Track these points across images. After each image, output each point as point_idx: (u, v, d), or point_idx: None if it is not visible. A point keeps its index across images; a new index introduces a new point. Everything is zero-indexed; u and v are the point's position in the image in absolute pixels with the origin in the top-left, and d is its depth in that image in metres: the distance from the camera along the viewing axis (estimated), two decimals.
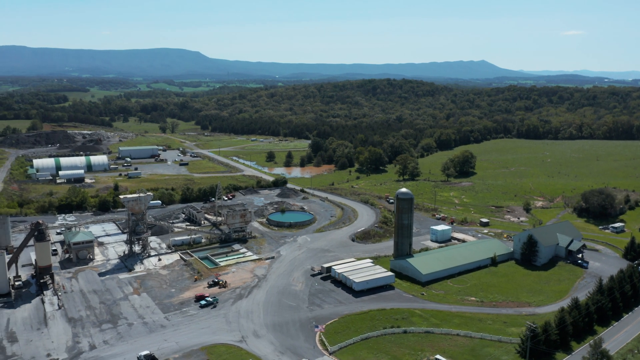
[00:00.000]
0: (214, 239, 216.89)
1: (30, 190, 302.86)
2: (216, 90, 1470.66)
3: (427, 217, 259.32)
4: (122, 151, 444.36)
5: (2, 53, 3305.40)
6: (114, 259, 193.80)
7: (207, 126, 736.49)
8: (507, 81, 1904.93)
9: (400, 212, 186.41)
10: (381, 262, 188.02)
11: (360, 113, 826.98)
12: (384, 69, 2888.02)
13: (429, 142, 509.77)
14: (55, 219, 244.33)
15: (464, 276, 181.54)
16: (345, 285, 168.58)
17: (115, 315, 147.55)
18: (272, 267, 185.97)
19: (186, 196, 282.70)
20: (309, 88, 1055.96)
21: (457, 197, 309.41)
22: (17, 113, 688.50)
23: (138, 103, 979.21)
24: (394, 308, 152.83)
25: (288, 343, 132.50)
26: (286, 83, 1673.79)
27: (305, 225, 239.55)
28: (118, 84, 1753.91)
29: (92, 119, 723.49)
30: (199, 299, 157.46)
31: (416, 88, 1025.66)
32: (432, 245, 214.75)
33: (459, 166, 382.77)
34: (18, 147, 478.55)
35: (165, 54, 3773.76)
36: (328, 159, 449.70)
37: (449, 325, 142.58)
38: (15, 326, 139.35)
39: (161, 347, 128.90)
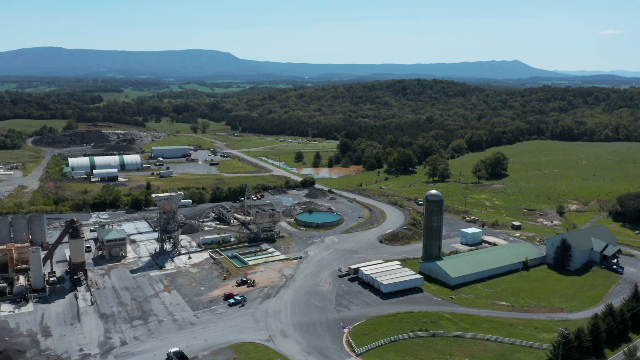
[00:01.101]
0: (243, 238, 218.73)
1: (65, 188, 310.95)
2: (246, 91, 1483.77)
3: (457, 220, 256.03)
4: (155, 151, 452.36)
5: (39, 54, 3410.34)
6: (146, 257, 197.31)
7: (237, 126, 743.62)
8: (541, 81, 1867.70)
9: (430, 214, 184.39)
10: (409, 265, 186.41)
11: (389, 113, 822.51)
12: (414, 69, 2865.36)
13: (459, 143, 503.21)
14: (89, 216, 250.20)
15: (495, 280, 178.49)
16: (372, 287, 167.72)
17: (146, 312, 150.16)
18: (300, 267, 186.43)
19: (216, 195, 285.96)
20: (338, 89, 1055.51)
21: (488, 199, 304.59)
22: (53, 113, 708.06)
23: (170, 103, 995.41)
24: (423, 311, 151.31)
25: (315, 343, 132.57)
26: (315, 84, 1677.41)
27: (332, 226, 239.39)
28: (151, 84, 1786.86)
29: (126, 119, 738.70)
30: (227, 297, 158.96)
31: (447, 88, 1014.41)
32: (462, 248, 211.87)
33: (491, 168, 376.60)
34: (54, 146, 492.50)
35: (197, 55, 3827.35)
36: (356, 159, 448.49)
37: (478, 329, 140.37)
38: (49, 321, 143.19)
39: (190, 345, 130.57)
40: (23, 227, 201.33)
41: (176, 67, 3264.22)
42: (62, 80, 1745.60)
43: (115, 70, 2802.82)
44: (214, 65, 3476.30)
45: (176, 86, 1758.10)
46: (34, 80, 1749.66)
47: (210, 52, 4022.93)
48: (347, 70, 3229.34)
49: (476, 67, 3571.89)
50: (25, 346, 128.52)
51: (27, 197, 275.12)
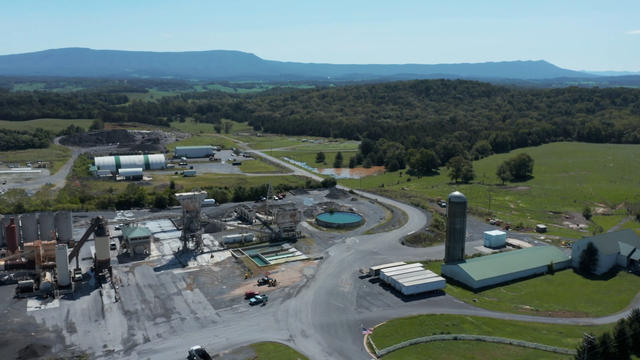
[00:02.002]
0: (265, 237, 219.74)
1: (91, 186, 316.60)
2: (269, 91, 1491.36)
3: (480, 222, 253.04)
4: (179, 150, 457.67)
5: (67, 55, 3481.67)
6: (169, 255, 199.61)
7: (260, 127, 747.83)
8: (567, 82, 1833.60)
9: (453, 216, 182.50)
10: (432, 267, 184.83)
11: (412, 114, 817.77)
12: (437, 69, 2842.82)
13: (483, 144, 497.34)
14: (115, 214, 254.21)
15: (519, 284, 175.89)
16: (394, 288, 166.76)
17: (169, 310, 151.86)
18: (321, 268, 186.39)
19: (238, 195, 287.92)
20: (360, 89, 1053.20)
21: (512, 201, 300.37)
22: (80, 112, 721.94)
23: (194, 104, 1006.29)
24: (444, 314, 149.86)
25: (335, 344, 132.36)
26: (337, 84, 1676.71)
27: (354, 226, 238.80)
28: (175, 85, 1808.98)
29: (151, 118, 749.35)
30: (249, 296, 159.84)
31: (471, 88, 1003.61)
32: (486, 250, 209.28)
33: (515, 169, 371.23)
34: (81, 145, 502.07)
35: (221, 56, 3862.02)
36: (378, 160, 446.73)
37: (501, 333, 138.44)
38: (74, 317, 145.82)
39: (212, 343, 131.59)
40: (50, 224, 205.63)
41: (200, 68, 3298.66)
42: (89, 81, 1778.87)
43: (140, 70, 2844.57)
44: (237, 65, 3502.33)
45: (200, 87, 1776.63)
46: (62, 80, 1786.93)
47: (234, 52, 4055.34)
48: (370, 70, 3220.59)
49: (501, 67, 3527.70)
50: (50, 341, 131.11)
51: (54, 195, 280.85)
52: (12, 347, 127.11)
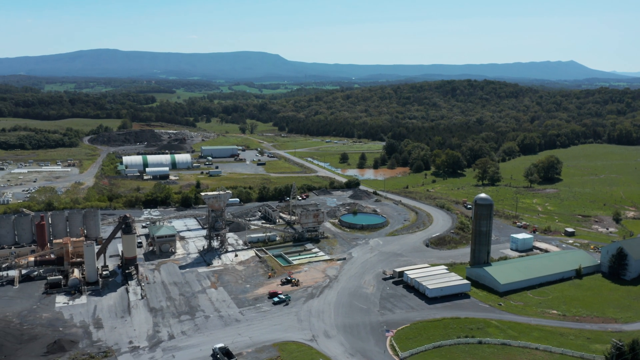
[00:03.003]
0: (288, 237, 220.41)
1: (119, 185, 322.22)
2: (293, 92, 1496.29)
3: (507, 225, 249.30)
4: (204, 150, 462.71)
5: (97, 56, 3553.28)
6: (194, 253, 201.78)
7: (284, 127, 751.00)
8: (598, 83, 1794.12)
9: (479, 218, 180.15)
10: (456, 270, 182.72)
11: (438, 115, 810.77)
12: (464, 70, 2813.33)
13: (511, 145, 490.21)
14: (141, 213, 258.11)
15: (546, 288, 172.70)
16: (417, 291, 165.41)
17: (193, 307, 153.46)
18: (344, 269, 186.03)
19: (262, 195, 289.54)
20: (385, 89, 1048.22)
21: (540, 204, 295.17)
22: (109, 112, 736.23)
23: (220, 104, 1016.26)
24: (469, 317, 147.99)
25: (358, 345, 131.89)
26: (362, 84, 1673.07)
27: (377, 228, 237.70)
28: (202, 86, 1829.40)
29: (177, 119, 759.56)
30: (272, 295, 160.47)
31: (498, 89, 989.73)
32: (512, 254, 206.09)
33: (544, 172, 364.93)
34: (109, 144, 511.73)
35: (247, 57, 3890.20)
36: (403, 161, 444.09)
37: (527, 338, 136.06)
38: (101, 313, 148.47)
39: (235, 341, 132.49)
40: (79, 222, 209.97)
41: (226, 69, 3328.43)
42: (117, 81, 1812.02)
43: (168, 71, 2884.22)
44: (262, 66, 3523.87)
45: (226, 87, 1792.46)
46: (91, 81, 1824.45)
47: (259, 53, 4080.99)
48: (395, 71, 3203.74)
49: (529, 68, 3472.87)
50: (78, 337, 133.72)
51: (82, 194, 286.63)
52: (40, 341, 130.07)
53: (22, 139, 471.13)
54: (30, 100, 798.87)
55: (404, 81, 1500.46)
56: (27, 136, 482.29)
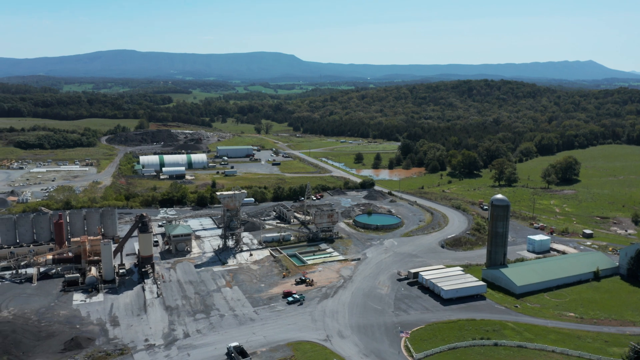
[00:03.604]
0: (302, 237, 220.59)
1: (136, 184, 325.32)
2: (309, 92, 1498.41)
3: (524, 226, 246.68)
4: (220, 150, 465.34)
5: (114, 57, 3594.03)
6: (209, 252, 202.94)
7: (299, 127, 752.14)
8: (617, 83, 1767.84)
9: (495, 219, 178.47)
10: (472, 271, 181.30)
11: (454, 115, 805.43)
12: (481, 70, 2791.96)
13: (528, 146, 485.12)
14: (158, 212, 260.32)
15: (563, 290, 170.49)
16: (432, 292, 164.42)
17: (209, 306, 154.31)
18: (358, 269, 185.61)
19: (277, 195, 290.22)
20: (400, 89, 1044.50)
21: (558, 205, 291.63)
22: (126, 113, 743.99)
23: (236, 105, 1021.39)
24: (485, 319, 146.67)
25: (372, 346, 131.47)
26: (378, 85, 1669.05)
27: (392, 228, 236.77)
28: (218, 86, 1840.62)
29: (194, 119, 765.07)
30: (286, 295, 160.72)
31: (516, 89, 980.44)
32: (529, 255, 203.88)
33: (561, 173, 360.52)
34: (127, 144, 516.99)
35: (262, 58, 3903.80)
36: (418, 161, 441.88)
37: (544, 340, 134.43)
38: (118, 311, 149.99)
39: (250, 340, 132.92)
40: (96, 220, 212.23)
41: (242, 69, 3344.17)
42: (135, 82, 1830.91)
43: (184, 72, 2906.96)
44: (278, 67, 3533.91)
45: (242, 88, 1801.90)
46: (109, 81, 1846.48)
47: (275, 54, 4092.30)
48: (411, 70, 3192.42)
49: (547, 68, 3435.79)
50: (94, 334, 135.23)
51: (100, 193, 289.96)
52: (58, 338, 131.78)
53: (41, 138, 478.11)
54: (49, 101, 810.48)
55: (420, 81, 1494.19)
56: (46, 136, 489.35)
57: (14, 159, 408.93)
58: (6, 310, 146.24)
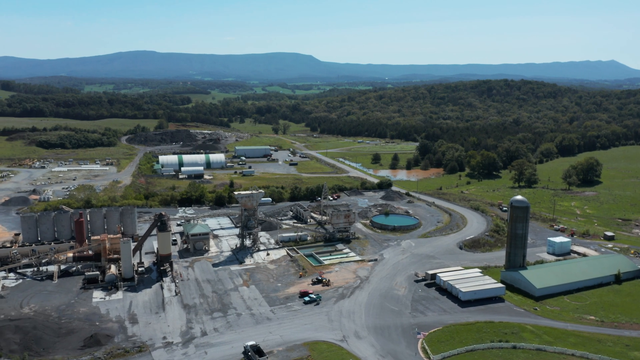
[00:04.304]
0: (319, 237, 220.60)
1: (155, 184, 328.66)
2: (326, 92, 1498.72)
3: (544, 228, 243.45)
4: (238, 150, 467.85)
5: (134, 58, 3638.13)
6: (227, 251, 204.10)
7: (316, 128, 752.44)
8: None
9: (514, 220, 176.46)
10: (490, 273, 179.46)
11: (473, 115, 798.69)
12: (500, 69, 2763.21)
13: (549, 147, 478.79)
14: (176, 211, 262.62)
15: (583, 293, 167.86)
16: (450, 294, 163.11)
17: (226, 305, 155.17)
18: (375, 270, 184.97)
19: (294, 195, 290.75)
20: (418, 89, 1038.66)
21: (579, 207, 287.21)
22: (146, 113, 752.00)
23: (254, 105, 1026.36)
24: (503, 321, 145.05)
25: (389, 347, 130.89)
26: (396, 85, 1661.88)
27: (409, 229, 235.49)
28: (236, 87, 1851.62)
29: (212, 119, 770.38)
30: (303, 295, 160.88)
31: (536, 89, 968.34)
32: (549, 258, 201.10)
33: (582, 174, 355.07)
34: (146, 144, 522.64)
35: (280, 58, 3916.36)
36: (436, 162, 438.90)
37: (563, 344, 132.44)
38: (136, 309, 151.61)
39: (266, 339, 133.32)
40: (116, 219, 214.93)
41: (260, 70, 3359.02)
42: (154, 82, 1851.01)
43: (203, 72, 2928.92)
44: (296, 67, 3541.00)
45: (259, 88, 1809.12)
46: (129, 82, 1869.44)
47: (293, 54, 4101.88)
48: (429, 70, 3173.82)
49: (568, 68, 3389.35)
50: (113, 331, 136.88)
51: (120, 192, 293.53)
52: (77, 335, 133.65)
53: (63, 138, 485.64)
54: (70, 101, 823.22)
55: (439, 81, 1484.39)
56: (68, 135, 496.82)
57: (36, 158, 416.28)
58: (27, 307, 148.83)
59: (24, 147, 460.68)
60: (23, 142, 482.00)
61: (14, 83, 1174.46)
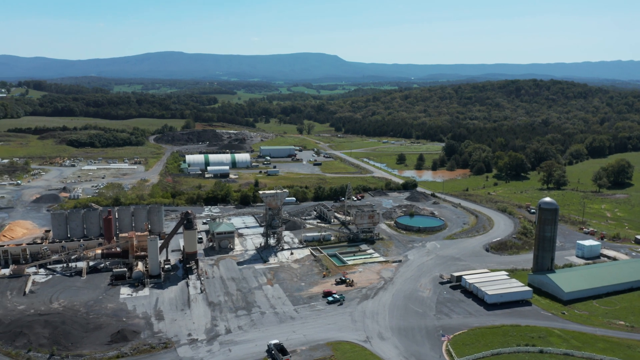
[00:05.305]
0: (343, 237, 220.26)
1: (182, 182, 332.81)
2: (351, 92, 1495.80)
3: (572, 231, 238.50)
4: (263, 150, 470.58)
5: (163, 58, 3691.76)
6: (251, 250, 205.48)
7: (341, 128, 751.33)
8: None
9: (543, 223, 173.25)
10: (517, 276, 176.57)
11: (500, 115, 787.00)
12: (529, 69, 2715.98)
13: (578, 148, 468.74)
14: (202, 210, 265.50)
15: (613, 297, 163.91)
16: (476, 296, 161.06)
17: (250, 303, 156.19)
18: (399, 271, 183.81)
19: (318, 195, 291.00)
20: (445, 89, 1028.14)
21: (609, 210, 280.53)
22: (173, 113, 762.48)
23: (279, 105, 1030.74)
24: (530, 325, 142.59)
25: (413, 349, 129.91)
26: (422, 84, 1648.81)
27: (435, 231, 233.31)
28: (262, 87, 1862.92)
29: (238, 119, 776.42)
30: (326, 295, 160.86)
31: (566, 89, 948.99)
32: (578, 261, 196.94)
33: (613, 176, 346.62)
34: (173, 143, 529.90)
35: (305, 59, 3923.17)
36: (463, 163, 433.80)
37: (591, 349, 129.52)
38: (162, 305, 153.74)
39: (290, 338, 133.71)
40: (143, 217, 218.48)
41: (285, 70, 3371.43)
42: (182, 83, 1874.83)
43: (229, 73, 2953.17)
44: (321, 67, 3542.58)
45: (285, 89, 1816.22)
46: (157, 82, 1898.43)
47: (318, 55, 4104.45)
48: (456, 70, 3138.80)
49: (599, 67, 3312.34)
50: (140, 327, 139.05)
51: (147, 190, 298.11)
52: (105, 330, 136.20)
53: (92, 137, 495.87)
54: (100, 101, 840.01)
55: (466, 81, 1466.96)
56: (97, 135, 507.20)
57: (66, 156, 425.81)
58: (57, 302, 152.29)
59: (55, 146, 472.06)
60: (54, 140, 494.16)
61: (46, 83, 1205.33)
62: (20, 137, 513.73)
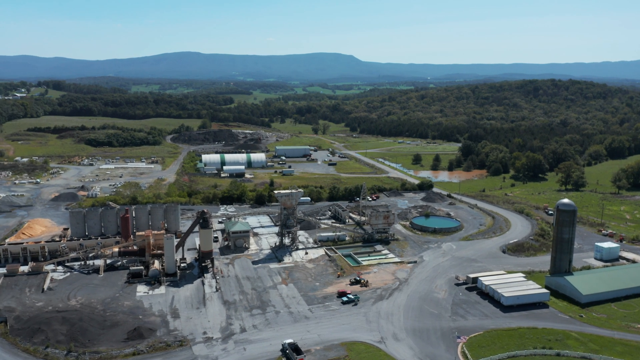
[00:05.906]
0: (357, 237, 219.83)
1: (198, 182, 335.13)
2: (367, 92, 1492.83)
3: (591, 233, 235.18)
4: (278, 150, 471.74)
5: (179, 58, 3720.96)
6: (266, 249, 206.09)
7: (356, 128, 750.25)
8: None
9: (561, 225, 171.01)
10: (534, 278, 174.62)
11: (518, 116, 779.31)
12: (547, 69, 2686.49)
13: (597, 149, 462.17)
14: (218, 209, 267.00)
15: (632, 300, 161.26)
16: (492, 298, 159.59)
17: (265, 302, 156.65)
18: (414, 272, 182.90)
19: (333, 195, 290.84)
20: (462, 89, 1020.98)
21: (628, 212, 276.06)
22: (190, 113, 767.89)
23: (294, 105, 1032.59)
24: (547, 328, 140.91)
25: (428, 350, 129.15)
26: (438, 84, 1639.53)
27: (450, 232, 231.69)
28: (277, 87, 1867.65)
29: (254, 119, 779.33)
30: (340, 295, 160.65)
31: (585, 90, 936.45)
32: (596, 263, 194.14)
33: (633, 177, 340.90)
34: (190, 143, 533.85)
35: (321, 59, 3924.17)
36: (479, 163, 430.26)
37: (609, 352, 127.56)
38: (178, 303, 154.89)
39: (304, 338, 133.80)
40: (160, 216, 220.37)
41: (301, 70, 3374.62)
42: (198, 83, 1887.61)
43: (245, 73, 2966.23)
44: (336, 67, 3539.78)
45: (300, 89, 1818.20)
46: (174, 82, 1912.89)
47: (334, 54, 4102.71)
48: (473, 70, 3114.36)
49: (619, 67, 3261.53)
50: (156, 325, 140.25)
51: (164, 189, 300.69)
52: (121, 327, 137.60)
53: (110, 136, 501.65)
54: (118, 101, 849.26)
55: (483, 81, 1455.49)
56: (115, 134, 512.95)
57: (84, 155, 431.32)
58: (74, 299, 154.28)
59: (74, 145, 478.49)
60: (72, 140, 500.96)
61: (65, 83, 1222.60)
62: (39, 136, 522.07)
